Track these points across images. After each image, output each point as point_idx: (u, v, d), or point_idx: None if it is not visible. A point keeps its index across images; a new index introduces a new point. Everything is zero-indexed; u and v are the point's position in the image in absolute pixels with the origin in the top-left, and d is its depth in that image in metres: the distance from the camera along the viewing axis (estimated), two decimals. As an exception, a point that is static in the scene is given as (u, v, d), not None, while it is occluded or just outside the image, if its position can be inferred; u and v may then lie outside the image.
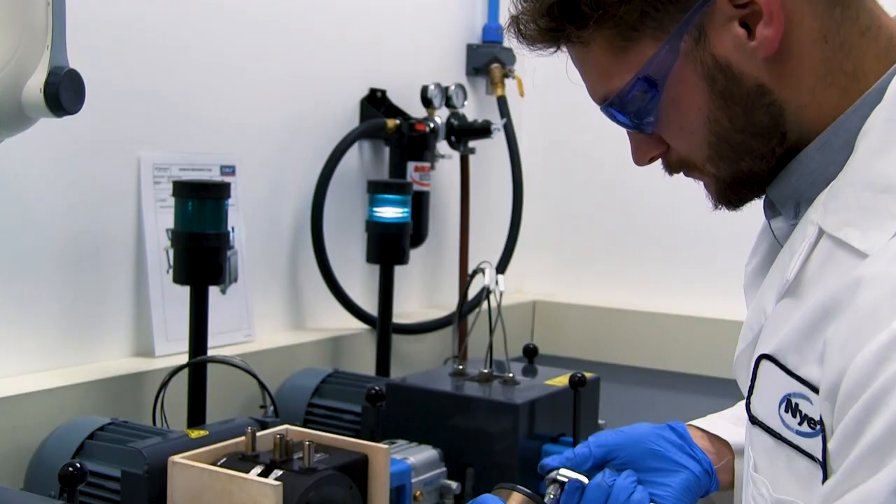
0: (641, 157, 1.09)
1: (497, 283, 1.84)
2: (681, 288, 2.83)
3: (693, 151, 1.04)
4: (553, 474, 1.19)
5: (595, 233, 2.98)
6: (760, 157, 1.02)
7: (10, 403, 1.58)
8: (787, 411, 0.94)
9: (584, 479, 1.18)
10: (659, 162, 1.09)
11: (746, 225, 1.22)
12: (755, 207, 1.11)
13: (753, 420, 1.00)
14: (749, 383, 1.01)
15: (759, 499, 0.98)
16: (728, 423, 1.29)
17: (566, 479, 1.17)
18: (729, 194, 1.06)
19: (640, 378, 2.80)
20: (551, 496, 1.17)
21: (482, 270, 1.86)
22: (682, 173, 1.09)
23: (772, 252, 1.09)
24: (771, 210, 1.09)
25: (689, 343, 2.72)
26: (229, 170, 2.05)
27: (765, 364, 0.98)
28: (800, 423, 0.93)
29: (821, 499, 0.87)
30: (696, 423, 1.30)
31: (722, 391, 1.35)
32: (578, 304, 2.91)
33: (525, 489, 1.17)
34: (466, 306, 2.20)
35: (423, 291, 2.68)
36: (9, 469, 1.57)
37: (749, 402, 1.01)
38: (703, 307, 2.74)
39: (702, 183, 1.08)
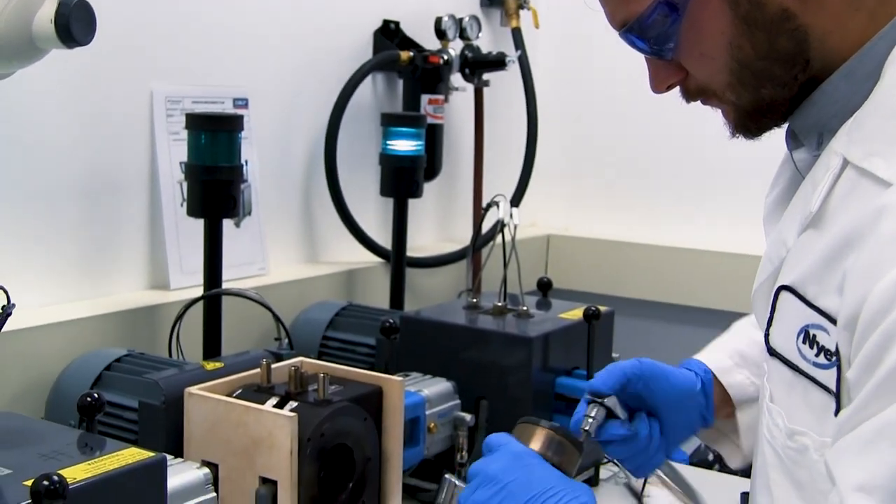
0: (659, 85, 1.07)
1: (511, 216, 1.83)
2: (696, 222, 2.82)
3: (713, 78, 1.02)
4: (598, 398, 1.23)
5: (610, 166, 2.97)
6: (782, 84, 1.00)
7: (29, 335, 1.60)
8: (804, 343, 0.94)
9: (628, 422, 1.24)
10: (676, 92, 1.08)
11: (762, 159, 1.21)
12: (773, 139, 1.09)
13: (772, 352, 1.00)
14: (768, 315, 1.00)
15: (774, 429, 0.98)
16: (733, 363, 1.32)
17: (610, 407, 1.22)
18: (748, 123, 1.05)
19: (653, 312, 2.80)
20: (591, 421, 1.22)
21: (496, 203, 1.85)
22: (699, 101, 1.07)
23: (793, 183, 1.08)
24: (793, 141, 1.07)
25: (703, 277, 2.72)
26: (242, 102, 2.04)
27: (784, 295, 0.97)
28: (816, 355, 0.92)
29: (836, 428, 0.86)
30: (713, 365, 1.32)
31: (727, 322, 1.35)
32: (592, 238, 2.91)
33: (547, 423, 1.17)
34: (480, 240, 2.19)
35: (436, 225, 2.68)
36: (29, 399, 1.59)
37: (768, 334, 1.01)
38: (718, 241, 2.73)
39: (720, 111, 1.06)
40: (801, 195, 1.01)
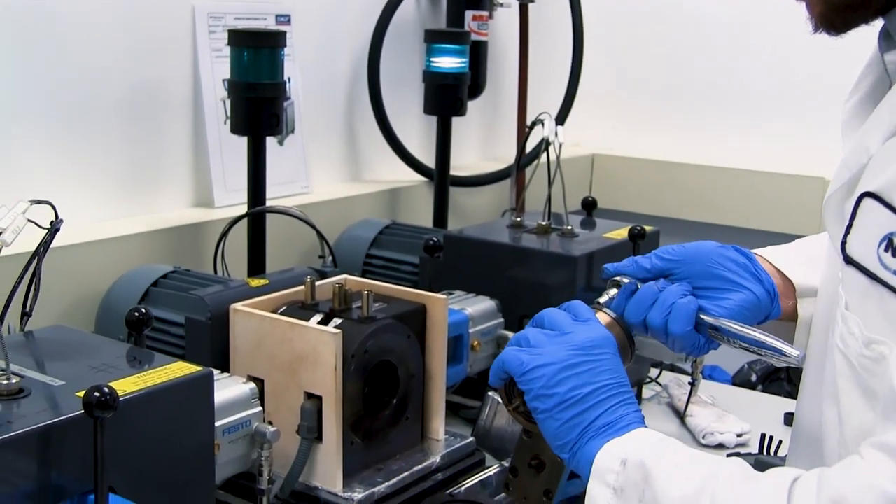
0: None
1: (556, 134, 1.81)
2: (743, 141, 2.78)
3: None
4: (613, 279, 1.18)
5: (656, 84, 2.92)
6: None
7: (78, 251, 1.62)
8: (886, 251, 0.90)
9: (640, 284, 1.15)
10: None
11: (810, 78, 1.17)
12: (814, 62, 1.04)
13: (848, 260, 0.96)
14: (846, 223, 0.97)
15: (849, 338, 0.96)
16: (793, 259, 1.23)
17: (623, 283, 1.16)
18: (835, 17, 0.98)
19: (698, 232, 2.77)
20: (607, 297, 1.17)
21: (541, 122, 1.83)
22: None
23: (878, 87, 1.03)
24: (885, 41, 1.03)
25: (750, 197, 2.69)
26: (284, 19, 2.02)
27: (867, 202, 0.93)
28: None
29: None
30: (762, 252, 1.24)
31: (779, 244, 1.31)
32: (637, 158, 2.88)
33: (614, 313, 1.14)
34: (524, 158, 2.18)
35: (480, 143, 2.66)
36: (79, 314, 1.61)
37: (845, 242, 0.97)
38: (766, 161, 2.69)
39: (803, 4, 1.01)
40: (891, 100, 0.96)
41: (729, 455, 1.58)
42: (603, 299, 1.15)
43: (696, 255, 1.17)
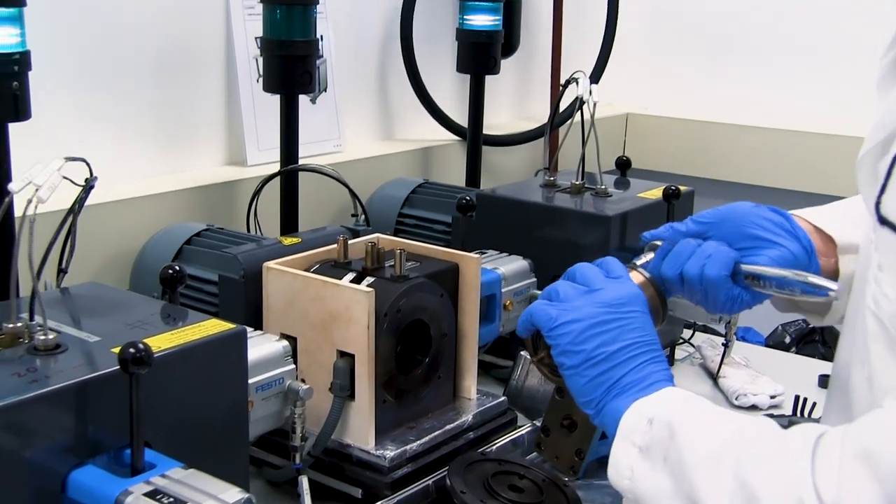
0: None
1: (590, 93, 1.79)
2: (778, 100, 2.74)
3: None
4: (651, 244, 1.18)
5: (691, 43, 2.89)
6: None
7: (112, 208, 1.63)
8: None
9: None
10: None
11: (847, 39, 1.14)
12: (856, 19, 1.03)
13: (882, 220, 0.95)
14: (880, 183, 0.95)
15: (882, 299, 0.94)
16: (832, 217, 1.22)
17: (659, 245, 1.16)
18: None
19: (734, 193, 2.75)
20: (644, 259, 1.17)
21: (575, 80, 1.80)
22: None
23: None
24: None
25: (785, 157, 2.66)
26: (317, -24, 2.00)
27: None
28: None
29: None
30: (800, 212, 1.23)
31: (817, 205, 1.29)
32: (672, 118, 2.85)
33: (647, 274, 1.14)
34: (558, 117, 2.16)
35: (513, 102, 2.64)
36: (114, 271, 1.62)
37: (878, 202, 0.95)
38: (802, 120, 2.66)
39: None
40: None
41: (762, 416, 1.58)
42: (640, 261, 1.15)
43: (731, 216, 1.16)
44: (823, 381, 1.74)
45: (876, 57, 1.06)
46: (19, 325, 1.00)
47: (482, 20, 2.08)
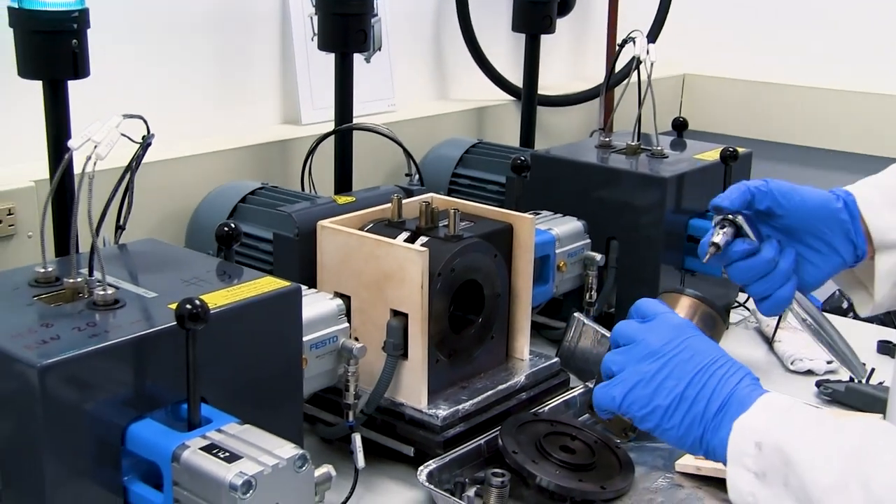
0: None
1: (647, 52, 1.76)
2: (838, 60, 2.68)
3: None
4: (728, 215, 1.17)
5: (751, 1, 2.83)
6: None
7: (169, 166, 1.64)
8: None
9: (755, 241, 1.16)
10: None
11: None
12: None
13: None
14: None
15: None
16: (885, 203, 1.21)
17: (737, 221, 1.16)
18: None
19: (793, 155, 2.71)
20: (720, 235, 1.16)
21: (632, 39, 1.78)
22: None
23: None
24: None
25: (844, 118, 2.61)
26: (372, -67, 1.99)
27: None
28: None
29: None
30: (861, 191, 1.22)
31: (876, 169, 1.27)
32: (730, 78, 2.80)
33: (693, 292, 1.15)
34: (614, 77, 2.13)
35: (569, 62, 2.61)
36: (170, 228, 1.64)
37: None
38: (861, 81, 2.60)
39: None
40: None
41: (818, 382, 1.56)
42: (714, 237, 1.16)
43: (807, 210, 1.18)
44: (882, 346, 1.72)
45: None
46: (79, 280, 1.01)
47: (538, -22, 2.05)
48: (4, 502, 0.91)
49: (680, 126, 1.90)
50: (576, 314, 1.48)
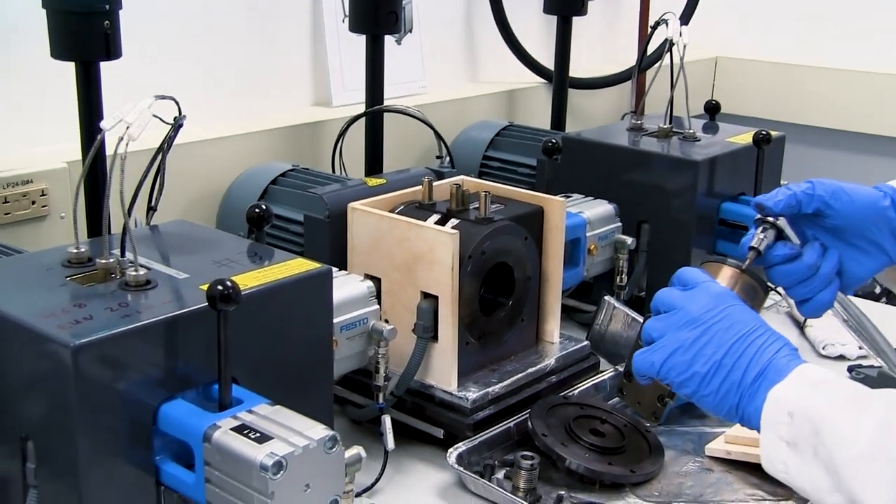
0: None
1: (680, 35, 1.74)
2: (875, 43, 2.65)
3: None
4: (771, 219, 1.15)
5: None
6: None
7: (200, 148, 1.64)
8: None
9: (797, 245, 1.14)
10: None
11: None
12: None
13: None
14: None
15: None
16: None
17: (781, 229, 1.14)
18: None
19: (827, 139, 2.68)
20: (761, 239, 1.15)
21: (665, 21, 1.76)
22: None
23: None
24: None
25: (878, 102, 2.57)
26: (404, -86, 1.98)
27: None
28: None
29: None
30: None
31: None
32: (763, 61, 2.78)
33: (735, 262, 1.14)
34: (646, 60, 2.12)
35: (601, 44, 2.60)
36: (201, 210, 1.65)
37: None
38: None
39: None
40: None
41: (850, 367, 1.55)
42: (754, 241, 1.14)
43: (855, 210, 1.15)
44: (916, 332, 1.70)
45: None
46: (111, 260, 1.01)
47: (570, -41, 2.04)
48: (38, 480, 0.91)
49: (712, 109, 1.89)
50: (606, 297, 1.48)
